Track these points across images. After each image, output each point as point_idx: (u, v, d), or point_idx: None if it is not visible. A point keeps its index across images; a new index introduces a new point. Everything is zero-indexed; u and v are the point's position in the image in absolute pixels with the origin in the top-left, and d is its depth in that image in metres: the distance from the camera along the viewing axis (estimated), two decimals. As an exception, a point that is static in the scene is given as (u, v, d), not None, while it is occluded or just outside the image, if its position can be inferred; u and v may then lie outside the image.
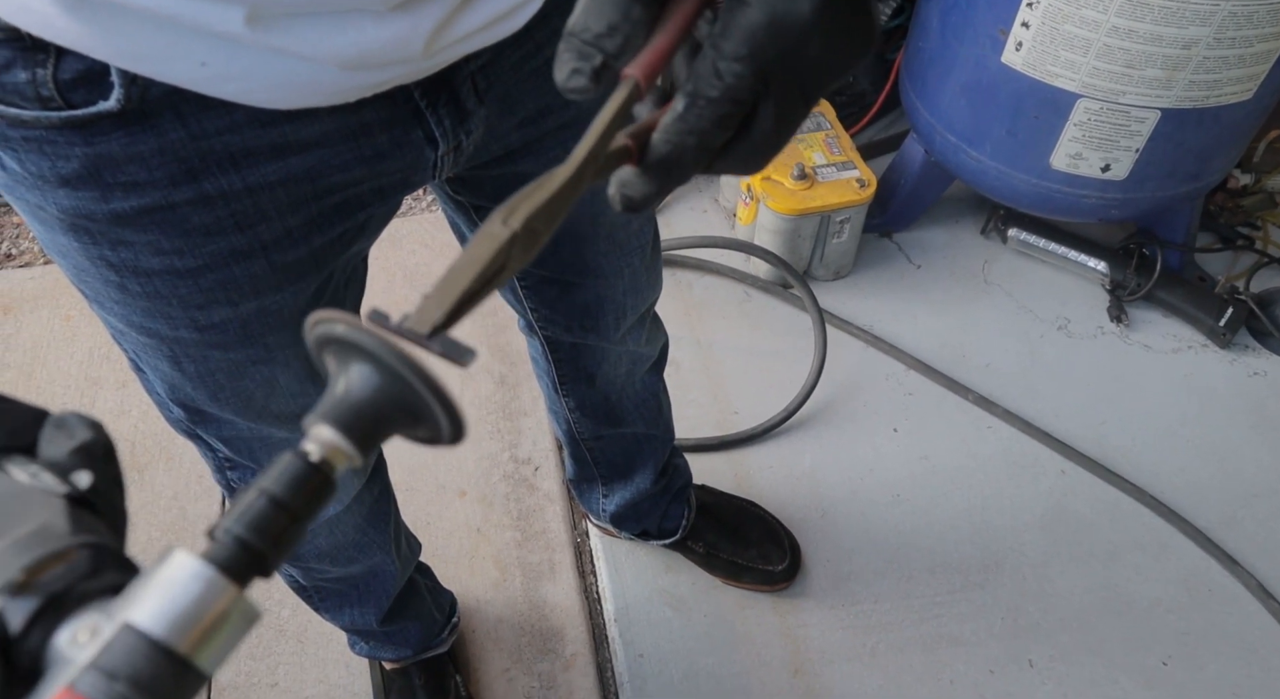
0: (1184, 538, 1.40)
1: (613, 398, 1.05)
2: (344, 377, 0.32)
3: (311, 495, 0.30)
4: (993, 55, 1.38)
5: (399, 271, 1.73)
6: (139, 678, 0.26)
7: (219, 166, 0.53)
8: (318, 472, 0.31)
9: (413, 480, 1.45)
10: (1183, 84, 1.29)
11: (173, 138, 0.51)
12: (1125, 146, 1.39)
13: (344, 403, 0.32)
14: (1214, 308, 1.62)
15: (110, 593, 0.28)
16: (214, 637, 0.28)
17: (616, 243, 0.82)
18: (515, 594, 1.35)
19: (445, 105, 0.59)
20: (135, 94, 0.48)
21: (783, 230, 1.58)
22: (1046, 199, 1.51)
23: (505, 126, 0.65)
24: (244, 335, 0.62)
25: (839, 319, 1.63)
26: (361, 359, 0.32)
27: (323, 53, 0.47)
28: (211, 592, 0.28)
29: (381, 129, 0.57)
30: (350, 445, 0.32)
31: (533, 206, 0.34)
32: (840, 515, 1.41)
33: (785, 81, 0.35)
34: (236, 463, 0.79)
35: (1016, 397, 1.55)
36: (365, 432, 0.32)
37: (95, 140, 0.49)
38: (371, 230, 0.65)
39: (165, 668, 0.27)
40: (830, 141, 1.62)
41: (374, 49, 0.48)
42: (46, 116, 0.48)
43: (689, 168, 0.36)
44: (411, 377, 0.31)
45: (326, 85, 0.50)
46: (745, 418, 1.51)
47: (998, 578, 1.36)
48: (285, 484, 0.30)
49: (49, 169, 0.51)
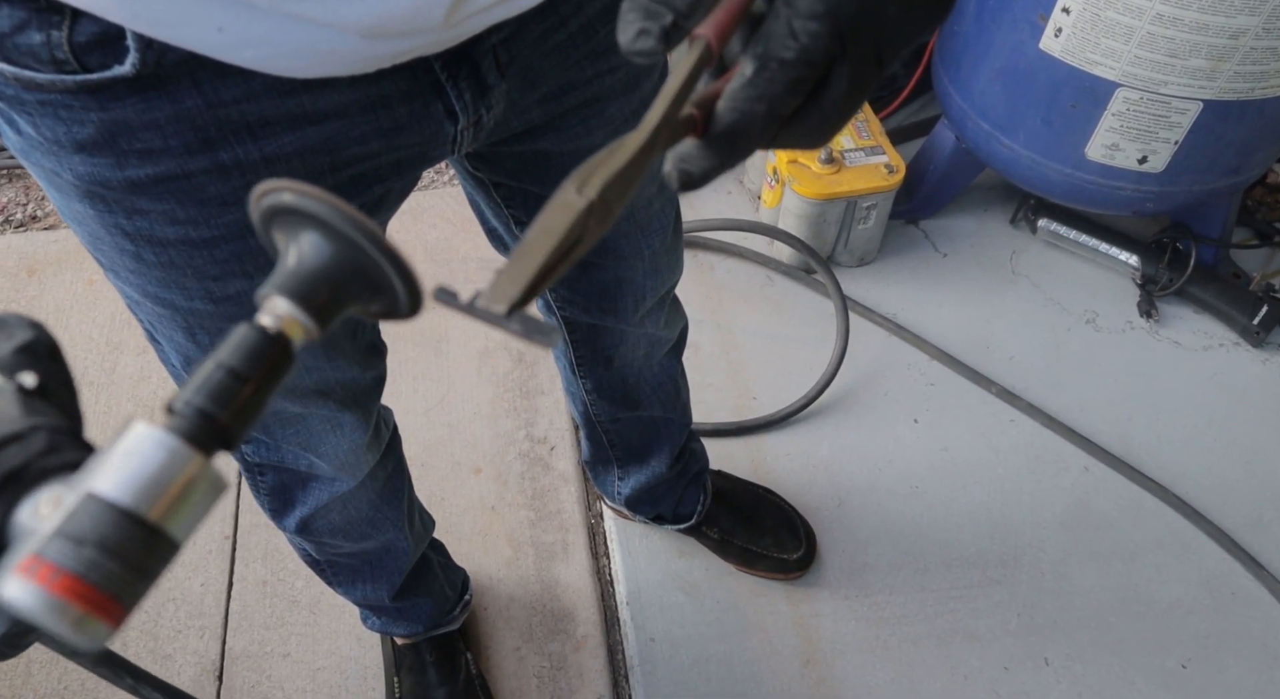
0: (1207, 539, 1.37)
1: (630, 380, 1.04)
2: (295, 247, 0.32)
3: (271, 367, 0.30)
4: (1031, 41, 1.35)
5: (419, 246, 1.72)
6: (106, 542, 0.26)
7: (235, 136, 0.52)
8: (275, 343, 0.30)
9: (428, 456, 1.44)
10: (1227, 75, 1.25)
11: (189, 105, 0.50)
12: (1164, 138, 1.35)
13: (297, 273, 0.31)
14: (1248, 305, 1.58)
15: (70, 469, 0.28)
16: (182, 505, 0.28)
17: (637, 223, 0.80)
18: (528, 573, 1.35)
19: (466, 78, 0.57)
20: (151, 59, 0.47)
21: (808, 215, 1.56)
22: (1080, 190, 1.48)
23: (526, 102, 0.64)
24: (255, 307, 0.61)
25: (862, 306, 1.61)
26: (312, 227, 0.31)
27: (342, 19, 0.46)
28: (176, 460, 0.28)
29: (401, 101, 0.56)
30: (306, 316, 0.31)
31: (607, 175, 0.33)
32: (857, 505, 1.40)
33: (862, 43, 0.33)
34: (251, 436, 0.78)
35: (1041, 390, 1.52)
36: (321, 302, 0.31)
37: (110, 106, 0.49)
38: (390, 204, 0.64)
39: (133, 533, 0.26)
40: (859, 126, 1.59)
41: (394, 16, 0.47)
42: (61, 80, 0.47)
43: (755, 139, 0.34)
44: (365, 242, 0.31)
45: (346, 54, 0.49)
46: (764, 403, 1.49)
47: (1015, 574, 1.34)
48: (243, 356, 0.30)
49: (64, 134, 0.50)
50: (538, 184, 0.74)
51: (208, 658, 1.26)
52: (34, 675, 1.24)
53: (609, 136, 0.71)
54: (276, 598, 1.32)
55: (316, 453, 0.80)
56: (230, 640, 1.28)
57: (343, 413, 0.77)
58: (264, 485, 0.85)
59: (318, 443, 0.79)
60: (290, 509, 0.88)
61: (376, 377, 0.80)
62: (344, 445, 0.80)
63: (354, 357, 0.73)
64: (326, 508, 0.88)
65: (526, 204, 0.77)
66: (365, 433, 0.82)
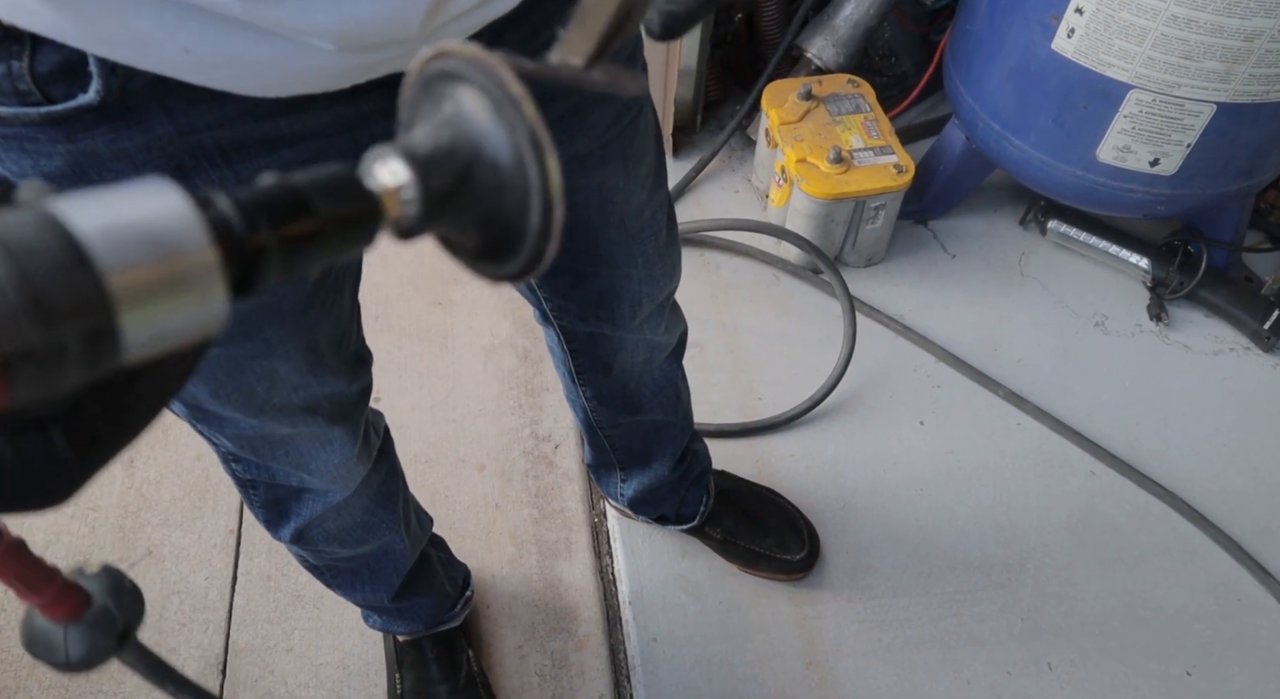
0: (1214, 545, 1.36)
1: (630, 386, 1.03)
2: (437, 118, 0.26)
3: (345, 223, 0.24)
4: (1043, 41, 1.34)
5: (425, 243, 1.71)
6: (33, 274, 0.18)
7: (209, 162, 0.51)
8: (363, 200, 0.25)
9: (433, 453, 1.45)
10: (1242, 78, 1.24)
11: (159, 133, 0.49)
12: (1176, 141, 1.34)
13: (434, 141, 0.26)
14: (1259, 310, 1.57)
15: None
16: (155, 295, 0.20)
17: (628, 231, 0.80)
18: (530, 571, 1.35)
19: None
20: (115, 85, 0.46)
21: (816, 214, 1.55)
22: (1091, 192, 1.46)
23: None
24: (243, 331, 0.61)
25: (869, 307, 1.60)
26: (475, 104, 0.26)
27: (318, 28, 0.45)
28: (183, 235, 0.20)
29: (378, 119, 0.55)
30: (415, 195, 0.25)
31: None
32: (861, 507, 1.39)
33: None
34: (241, 457, 0.78)
35: (1048, 394, 1.51)
36: (437, 189, 0.25)
37: (78, 136, 0.47)
38: None
39: (75, 285, 0.19)
40: (869, 125, 1.58)
41: (371, 25, 0.46)
42: (25, 113, 0.46)
43: None
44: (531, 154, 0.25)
45: (321, 69, 0.48)
46: (768, 404, 1.48)
47: (1020, 578, 1.33)
48: (323, 189, 0.24)
49: (31, 168, 0.49)
50: None
51: (211, 652, 1.27)
52: (38, 668, 1.25)
53: (592, 143, 0.70)
54: (280, 593, 1.32)
55: (308, 470, 0.80)
56: (234, 635, 1.28)
57: (331, 428, 0.76)
58: (257, 499, 0.85)
59: (308, 461, 0.78)
60: (285, 521, 0.88)
61: (362, 388, 0.79)
62: (334, 460, 0.80)
63: (340, 370, 0.72)
64: (321, 518, 0.88)
65: None
66: (355, 445, 0.81)
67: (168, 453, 1.44)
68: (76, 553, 1.34)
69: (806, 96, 1.60)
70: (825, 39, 1.72)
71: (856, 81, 1.65)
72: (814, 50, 1.72)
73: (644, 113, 0.75)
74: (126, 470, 1.41)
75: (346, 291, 0.69)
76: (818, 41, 1.72)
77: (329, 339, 0.68)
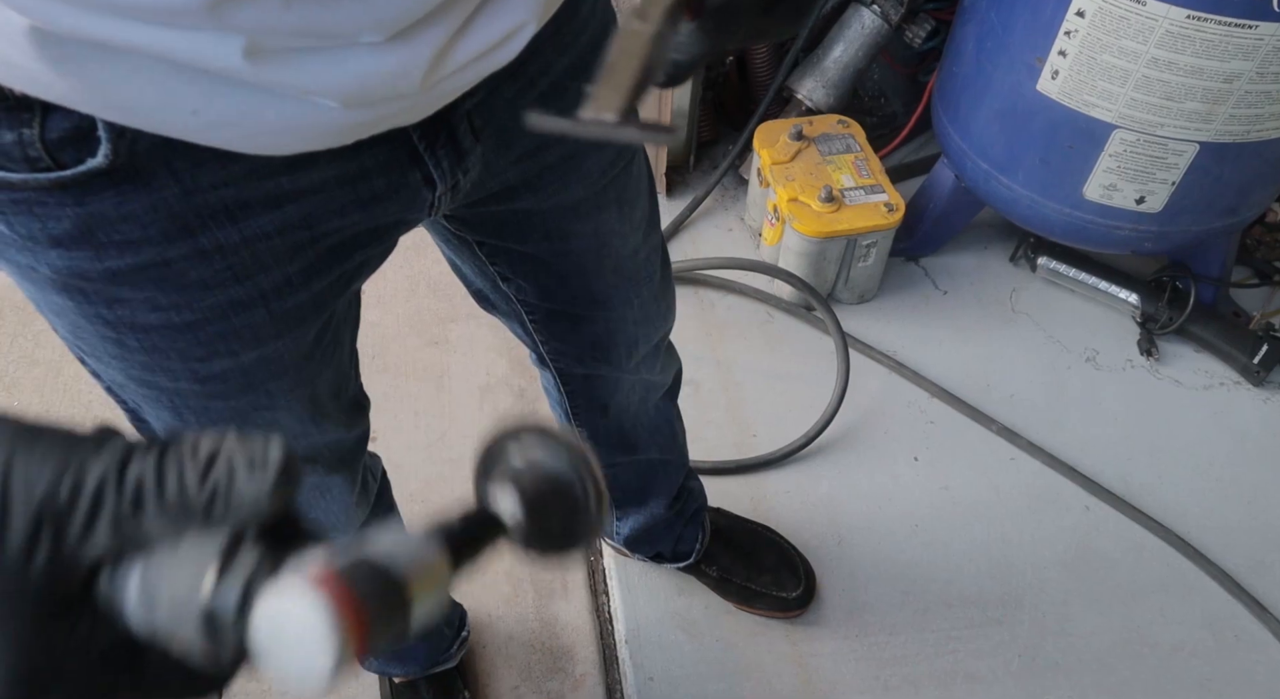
0: (1210, 581, 1.36)
1: (626, 426, 1.04)
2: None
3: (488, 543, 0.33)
4: (1028, 83, 1.37)
5: (422, 280, 1.73)
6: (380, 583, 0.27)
7: (214, 220, 0.52)
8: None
9: (428, 492, 1.45)
10: (1223, 118, 1.26)
11: (166, 194, 0.49)
12: (1161, 179, 1.36)
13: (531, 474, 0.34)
14: (1248, 344, 1.59)
15: None
16: (427, 591, 0.29)
17: (623, 274, 0.81)
18: (527, 610, 1.34)
19: (443, 145, 0.58)
20: (123, 149, 0.47)
21: (808, 252, 1.57)
22: (1078, 229, 1.48)
23: (502, 163, 0.65)
24: (245, 384, 0.61)
25: (862, 344, 1.61)
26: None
27: (322, 87, 0.46)
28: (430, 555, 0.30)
29: (379, 172, 0.56)
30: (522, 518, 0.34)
31: (663, 6, 0.34)
32: (857, 544, 1.40)
33: None
34: None
35: (1041, 429, 1.52)
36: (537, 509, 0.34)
37: (87, 200, 0.48)
38: (370, 268, 0.65)
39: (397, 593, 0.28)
40: (859, 164, 1.61)
41: (374, 81, 0.47)
42: (35, 179, 0.46)
43: (744, 18, 0.35)
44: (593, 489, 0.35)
45: (325, 125, 0.49)
46: (764, 441, 1.49)
47: (1017, 615, 1.33)
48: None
49: (39, 230, 0.49)
50: (519, 241, 0.75)
51: (204, 695, 1.26)
52: None
53: (587, 190, 0.71)
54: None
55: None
56: (227, 677, 1.27)
57: (330, 477, 0.77)
58: None
59: (308, 509, 0.78)
60: None
61: (361, 434, 0.79)
62: (334, 508, 0.80)
63: (339, 417, 0.73)
64: None
65: (510, 261, 0.78)
66: (353, 492, 0.82)
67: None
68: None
69: (797, 137, 1.63)
70: (815, 80, 1.75)
71: (846, 122, 1.68)
72: (804, 91, 1.75)
73: (636, 159, 0.76)
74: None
75: (346, 340, 0.70)
76: (808, 83, 1.75)
77: (329, 387, 0.69)
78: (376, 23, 0.45)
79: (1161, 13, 1.18)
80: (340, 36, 0.45)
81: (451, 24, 0.49)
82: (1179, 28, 1.18)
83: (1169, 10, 1.17)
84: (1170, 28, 1.18)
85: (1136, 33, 1.21)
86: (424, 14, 0.47)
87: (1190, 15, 1.16)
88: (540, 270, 0.78)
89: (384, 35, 0.46)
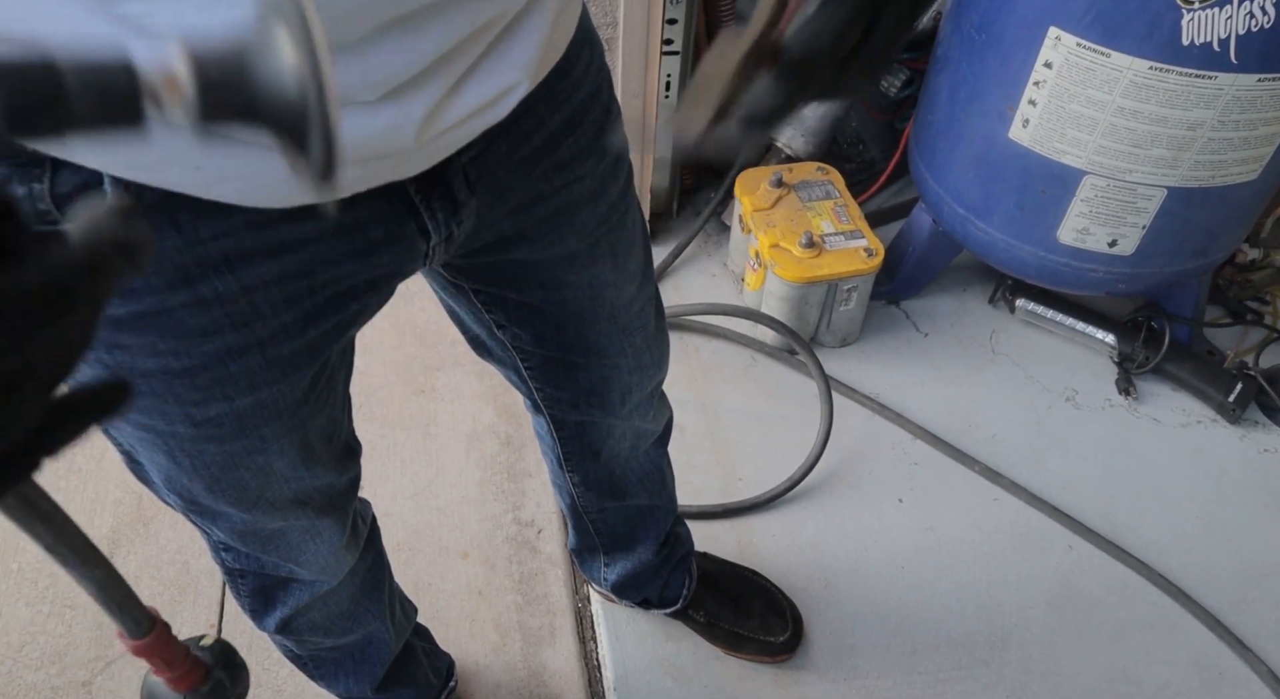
0: (1193, 619, 1.37)
1: (617, 472, 1.05)
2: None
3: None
4: (1000, 130, 1.40)
5: (409, 329, 1.74)
6: None
7: (214, 270, 0.53)
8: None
9: (416, 541, 1.45)
10: (1188, 164, 1.30)
11: (168, 246, 0.51)
12: (1132, 223, 1.40)
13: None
14: (1223, 383, 1.61)
15: None
16: None
17: (619, 323, 0.82)
18: (515, 659, 1.34)
19: (439, 198, 0.60)
20: None
21: (790, 297, 1.59)
22: (1053, 272, 1.52)
23: (496, 215, 0.66)
24: (240, 429, 0.63)
25: (845, 386, 1.63)
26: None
27: None
28: None
29: (375, 224, 0.58)
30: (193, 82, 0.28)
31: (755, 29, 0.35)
32: (843, 586, 1.40)
33: None
34: (231, 546, 0.79)
35: (1023, 468, 1.54)
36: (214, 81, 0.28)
37: None
38: (366, 316, 0.66)
39: None
40: (839, 210, 1.64)
41: (367, 140, 0.49)
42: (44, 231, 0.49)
43: (822, 72, 0.36)
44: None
45: None
46: (749, 484, 1.50)
47: (1004, 655, 1.34)
48: None
49: None
50: (515, 290, 0.76)
51: (189, 751, 1.24)
52: None
53: (582, 242, 0.73)
54: (261, 688, 1.30)
55: (297, 562, 0.80)
56: (212, 732, 1.26)
57: (320, 520, 0.77)
58: (245, 588, 0.85)
59: (298, 553, 0.79)
60: (271, 610, 0.88)
61: (352, 479, 0.80)
62: (323, 551, 0.81)
63: (331, 462, 0.74)
64: (307, 607, 0.88)
65: (506, 309, 0.79)
66: (343, 536, 0.83)
67: (148, 547, 1.44)
68: (53, 653, 1.32)
69: (778, 184, 1.66)
70: (795, 129, 1.79)
71: (826, 169, 1.72)
72: (784, 139, 1.79)
73: (630, 209, 0.78)
74: (106, 564, 1.40)
75: (340, 386, 0.71)
76: (787, 131, 1.79)
77: (321, 432, 0.70)
78: (369, 84, 0.47)
79: (1125, 64, 1.22)
80: None
81: (444, 84, 0.51)
82: (1143, 78, 1.22)
83: (1132, 62, 1.21)
84: (1134, 78, 1.22)
85: (1102, 83, 1.25)
86: (415, 75, 0.49)
87: (1153, 67, 1.20)
88: (536, 319, 0.80)
89: (376, 95, 0.48)
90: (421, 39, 0.48)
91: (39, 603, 1.37)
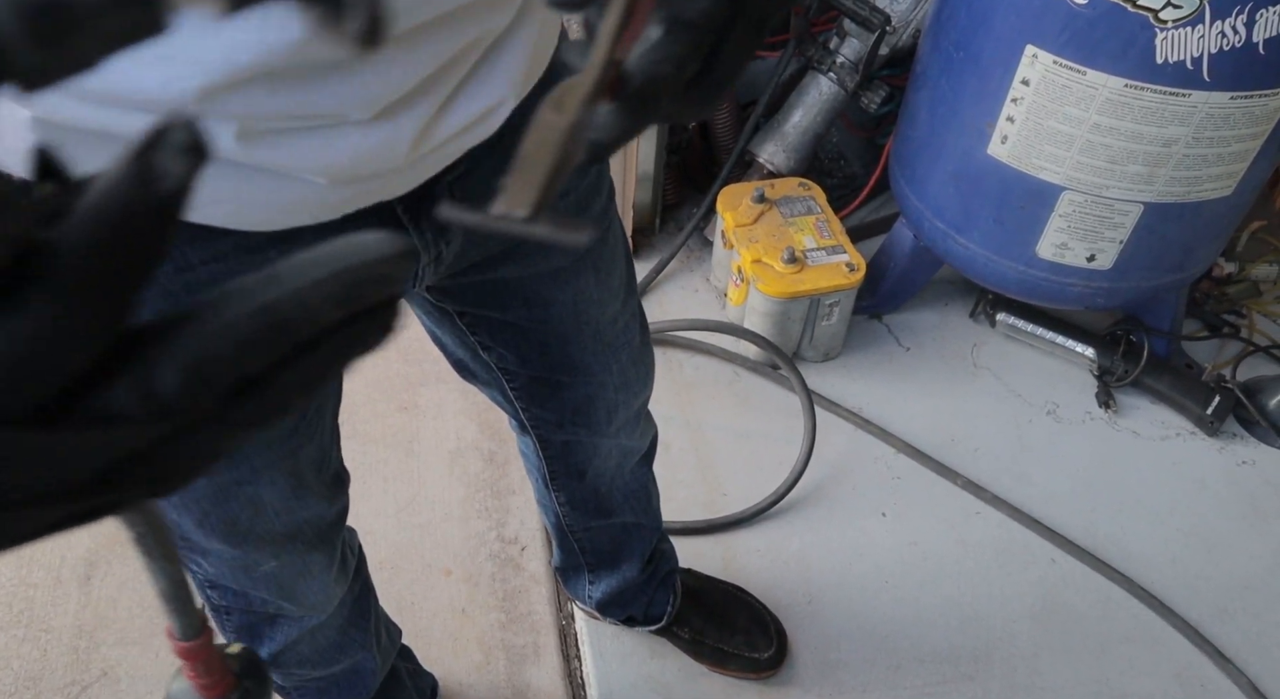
0: (1175, 632, 1.38)
1: (603, 490, 1.05)
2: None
3: None
4: (979, 146, 1.42)
5: (392, 345, 1.72)
6: None
7: (203, 294, 0.53)
8: None
9: (398, 559, 1.44)
10: (1164, 180, 1.32)
11: (159, 270, 0.51)
12: (1110, 238, 1.41)
13: None
14: (1201, 396, 1.63)
15: None
16: None
17: (603, 340, 0.83)
18: (498, 678, 1.33)
19: (426, 217, 0.60)
20: None
21: (773, 312, 1.60)
22: (1033, 287, 1.53)
23: (483, 234, 0.67)
24: (229, 458, 0.62)
25: (828, 401, 1.64)
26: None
27: (310, 166, 0.48)
28: None
29: None
30: None
31: (580, 96, 0.33)
32: (828, 601, 1.40)
33: (751, 6, 0.35)
34: (219, 583, 0.78)
35: (1005, 482, 1.54)
36: None
37: None
38: None
39: None
40: (820, 225, 1.65)
41: (360, 158, 0.49)
42: None
43: (664, 101, 0.35)
44: None
45: (313, 202, 0.51)
46: (734, 500, 1.50)
47: (988, 669, 1.34)
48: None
49: None
50: (499, 310, 0.76)
51: (167, 775, 1.23)
52: None
53: (566, 259, 0.73)
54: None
55: (287, 598, 0.80)
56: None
57: (311, 554, 0.77)
58: (230, 625, 0.84)
59: (289, 590, 0.78)
60: (258, 646, 0.86)
61: (341, 510, 0.80)
62: (314, 586, 0.80)
63: (321, 491, 0.73)
64: (295, 642, 0.87)
65: (491, 330, 0.79)
66: (332, 570, 0.82)
67: (125, 568, 1.42)
68: (27, 678, 1.30)
69: (760, 199, 1.67)
70: (776, 144, 1.80)
71: (807, 184, 1.73)
72: (766, 155, 1.80)
73: (613, 226, 0.79)
74: (82, 588, 1.39)
75: (329, 415, 0.71)
76: (769, 147, 1.80)
77: (311, 462, 0.69)
78: (362, 102, 0.47)
79: (1101, 82, 1.23)
80: (327, 116, 0.47)
81: (434, 101, 0.51)
82: (1118, 96, 1.23)
83: (1108, 80, 1.23)
84: (1110, 96, 1.24)
85: (1079, 100, 1.26)
86: (407, 92, 0.49)
87: (1128, 84, 1.22)
88: (520, 338, 0.80)
89: (369, 113, 0.48)
90: (413, 57, 0.48)
91: (13, 627, 1.34)
